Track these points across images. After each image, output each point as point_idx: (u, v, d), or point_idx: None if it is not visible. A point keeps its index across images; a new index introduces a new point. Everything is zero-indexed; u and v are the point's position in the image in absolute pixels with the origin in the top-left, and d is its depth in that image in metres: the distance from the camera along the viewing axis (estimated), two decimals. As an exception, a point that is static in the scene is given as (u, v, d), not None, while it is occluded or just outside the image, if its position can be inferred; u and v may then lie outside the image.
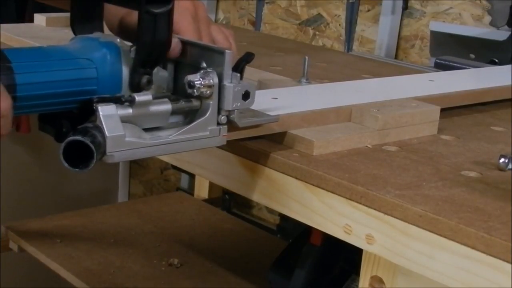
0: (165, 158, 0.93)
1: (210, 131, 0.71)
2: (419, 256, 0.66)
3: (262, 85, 1.04)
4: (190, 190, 2.05)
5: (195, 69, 0.70)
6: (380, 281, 0.76)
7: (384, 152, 0.81)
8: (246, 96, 0.71)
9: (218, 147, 0.76)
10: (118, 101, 0.65)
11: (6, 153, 2.08)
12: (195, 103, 0.70)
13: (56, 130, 0.66)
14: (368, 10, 1.81)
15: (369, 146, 0.83)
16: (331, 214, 0.73)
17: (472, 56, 1.48)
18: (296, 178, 0.76)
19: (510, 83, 1.12)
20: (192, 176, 2.18)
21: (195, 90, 0.68)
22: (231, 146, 0.81)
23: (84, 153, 0.62)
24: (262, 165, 0.79)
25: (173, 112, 0.70)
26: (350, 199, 0.71)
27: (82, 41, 0.68)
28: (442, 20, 1.67)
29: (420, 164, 0.78)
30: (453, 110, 1.04)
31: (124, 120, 0.65)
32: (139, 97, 0.66)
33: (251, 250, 1.52)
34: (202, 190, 1.85)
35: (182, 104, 0.70)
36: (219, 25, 0.86)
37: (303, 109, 0.84)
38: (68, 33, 0.71)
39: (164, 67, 0.72)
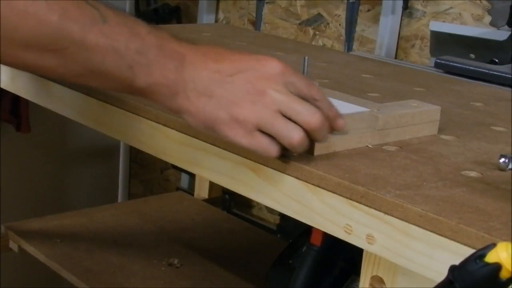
0: (165, 158, 0.93)
1: None
2: (419, 256, 0.66)
3: None
4: (190, 190, 2.05)
5: None
6: (380, 281, 0.76)
7: (385, 152, 0.81)
8: None
9: (217, 146, 0.76)
10: None
11: (7, 153, 2.08)
12: None
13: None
14: (368, 10, 1.81)
15: (370, 146, 0.83)
16: (332, 214, 0.73)
17: (472, 56, 1.48)
18: (297, 178, 0.76)
19: None
20: (192, 176, 2.18)
21: None
22: (231, 145, 0.81)
23: None
24: (263, 164, 0.79)
25: None
26: (351, 199, 0.71)
27: None
28: (442, 20, 1.67)
29: (420, 164, 0.78)
30: (454, 110, 1.04)
31: None
32: None
33: (251, 250, 1.52)
34: (202, 190, 1.85)
35: None
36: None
37: None
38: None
39: None
